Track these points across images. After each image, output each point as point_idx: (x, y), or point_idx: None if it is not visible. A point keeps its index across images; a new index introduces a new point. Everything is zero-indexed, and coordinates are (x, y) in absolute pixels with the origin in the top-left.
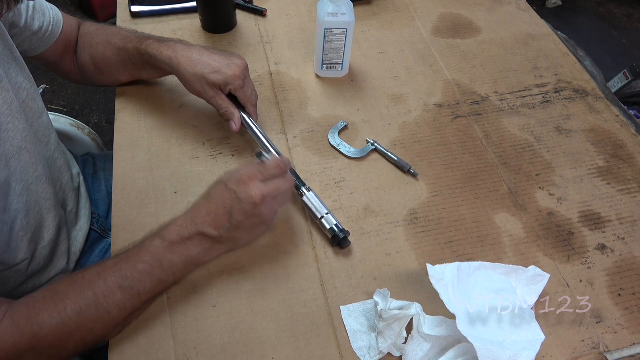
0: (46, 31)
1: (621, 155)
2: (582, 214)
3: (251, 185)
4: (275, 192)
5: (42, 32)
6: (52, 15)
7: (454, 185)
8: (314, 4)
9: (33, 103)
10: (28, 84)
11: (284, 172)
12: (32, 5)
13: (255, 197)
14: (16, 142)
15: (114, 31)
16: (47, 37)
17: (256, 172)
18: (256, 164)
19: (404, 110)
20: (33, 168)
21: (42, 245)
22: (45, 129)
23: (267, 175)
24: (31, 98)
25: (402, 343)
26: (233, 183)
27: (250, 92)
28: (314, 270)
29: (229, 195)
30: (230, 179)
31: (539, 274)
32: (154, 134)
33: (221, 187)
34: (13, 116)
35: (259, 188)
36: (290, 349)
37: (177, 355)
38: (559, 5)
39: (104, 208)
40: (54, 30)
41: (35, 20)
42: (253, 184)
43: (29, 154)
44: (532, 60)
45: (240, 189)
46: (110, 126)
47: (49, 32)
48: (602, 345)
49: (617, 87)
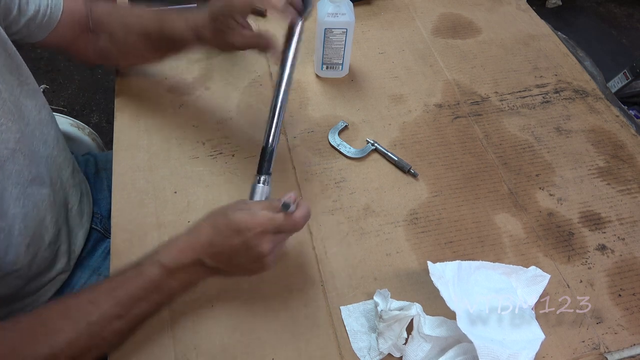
0: (44, 15)
1: (621, 156)
2: (582, 215)
3: (264, 238)
4: (283, 240)
5: (39, 16)
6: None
7: (454, 186)
8: (313, 4)
9: (29, 100)
10: (24, 80)
11: (299, 229)
12: None
13: (265, 250)
14: (10, 144)
15: (129, 12)
16: (46, 22)
17: (273, 225)
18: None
19: (404, 110)
20: (28, 170)
21: (43, 248)
22: (44, 126)
23: (283, 229)
24: (27, 95)
25: (402, 343)
26: (245, 228)
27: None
28: (314, 270)
29: (239, 239)
30: (244, 222)
31: (539, 274)
32: (154, 134)
33: (232, 224)
34: (5, 117)
35: (271, 242)
36: (290, 349)
37: (177, 355)
38: (559, 5)
39: (106, 207)
40: (53, 14)
41: (30, 4)
42: (266, 237)
43: (23, 155)
44: (532, 60)
45: (251, 238)
46: (110, 126)
47: (47, 16)
48: (602, 346)
49: (617, 87)
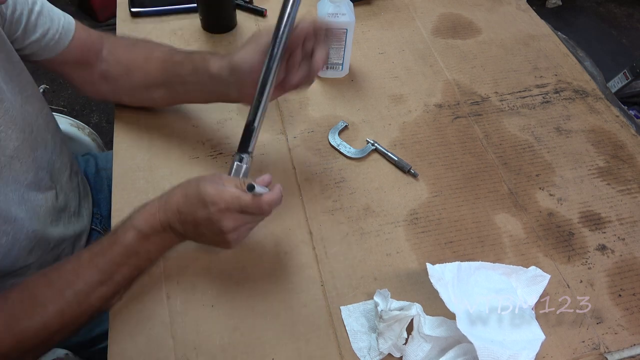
0: (52, 39)
1: (621, 156)
2: (583, 215)
3: (227, 215)
4: (248, 223)
5: (45, 39)
6: (63, 23)
7: (454, 186)
8: (314, 4)
9: (29, 106)
10: (24, 86)
11: (266, 214)
12: (38, 11)
13: (225, 228)
14: (7, 151)
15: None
16: (53, 46)
17: (237, 203)
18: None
19: (404, 110)
20: (24, 176)
21: (47, 250)
22: (44, 130)
23: (248, 210)
24: (27, 101)
25: (402, 344)
26: (210, 202)
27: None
28: (314, 270)
29: (203, 212)
30: (210, 195)
31: (539, 274)
32: (154, 134)
33: (199, 195)
34: (6, 125)
35: (233, 220)
36: (290, 349)
37: (177, 355)
38: (559, 5)
39: (106, 208)
40: (60, 40)
41: (38, 27)
42: (229, 214)
43: (20, 162)
44: (532, 60)
45: (214, 212)
46: (110, 126)
47: (55, 41)
48: (602, 346)
49: (617, 87)
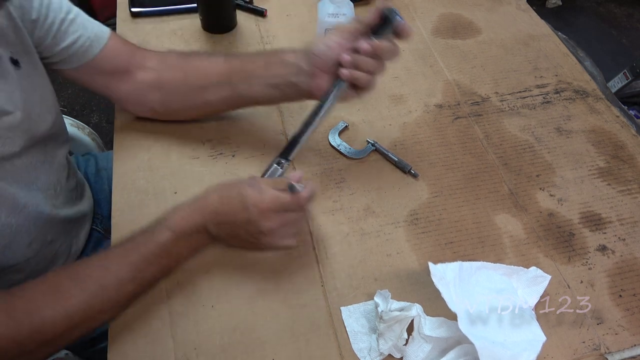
0: (81, 46)
1: (621, 156)
2: (583, 215)
3: (267, 215)
4: (286, 223)
5: (74, 46)
6: (96, 32)
7: (454, 186)
8: (314, 4)
9: (38, 108)
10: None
11: (303, 211)
12: (71, 19)
13: (264, 228)
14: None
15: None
16: (82, 53)
17: (278, 202)
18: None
19: (404, 110)
20: (27, 173)
21: (44, 246)
22: (44, 132)
23: (286, 209)
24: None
25: (402, 344)
26: (252, 204)
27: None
28: (315, 270)
29: (243, 214)
30: (251, 197)
31: (539, 275)
32: (154, 133)
33: (240, 197)
34: (14, 132)
35: (272, 221)
36: (291, 349)
37: (177, 355)
38: (559, 5)
39: (106, 207)
40: (90, 48)
41: (69, 34)
42: (269, 215)
43: (20, 160)
44: (532, 60)
45: (254, 213)
46: (110, 126)
47: (85, 48)
48: (602, 347)
49: (617, 87)
